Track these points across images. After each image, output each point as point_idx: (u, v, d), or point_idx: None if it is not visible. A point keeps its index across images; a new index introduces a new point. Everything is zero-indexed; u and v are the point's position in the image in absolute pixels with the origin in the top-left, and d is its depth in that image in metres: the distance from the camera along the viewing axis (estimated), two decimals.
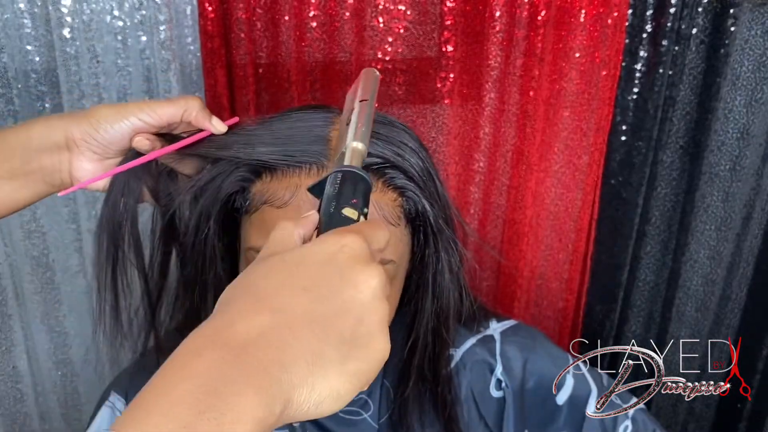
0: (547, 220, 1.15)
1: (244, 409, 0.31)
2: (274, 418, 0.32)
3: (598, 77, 1.06)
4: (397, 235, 0.56)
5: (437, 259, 0.59)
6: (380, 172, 0.54)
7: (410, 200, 0.56)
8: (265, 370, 0.32)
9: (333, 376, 0.34)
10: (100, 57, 0.91)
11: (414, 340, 0.63)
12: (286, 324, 0.34)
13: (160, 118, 0.56)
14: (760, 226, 1.23)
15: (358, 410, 0.68)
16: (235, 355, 0.32)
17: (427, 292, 0.60)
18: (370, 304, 0.37)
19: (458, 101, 1.05)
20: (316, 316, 0.35)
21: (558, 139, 1.10)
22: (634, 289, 1.26)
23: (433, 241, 0.58)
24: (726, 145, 1.15)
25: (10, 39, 0.89)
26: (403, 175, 0.55)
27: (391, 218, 0.54)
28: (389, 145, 0.55)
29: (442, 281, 0.60)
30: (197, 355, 0.32)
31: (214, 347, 0.33)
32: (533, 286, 1.20)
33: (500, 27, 1.00)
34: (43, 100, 0.93)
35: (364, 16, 0.98)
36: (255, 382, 0.32)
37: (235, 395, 0.31)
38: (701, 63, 1.10)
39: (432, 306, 0.61)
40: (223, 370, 0.31)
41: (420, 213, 0.56)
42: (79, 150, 0.57)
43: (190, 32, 0.93)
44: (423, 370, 0.64)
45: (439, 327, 0.63)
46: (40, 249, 1.05)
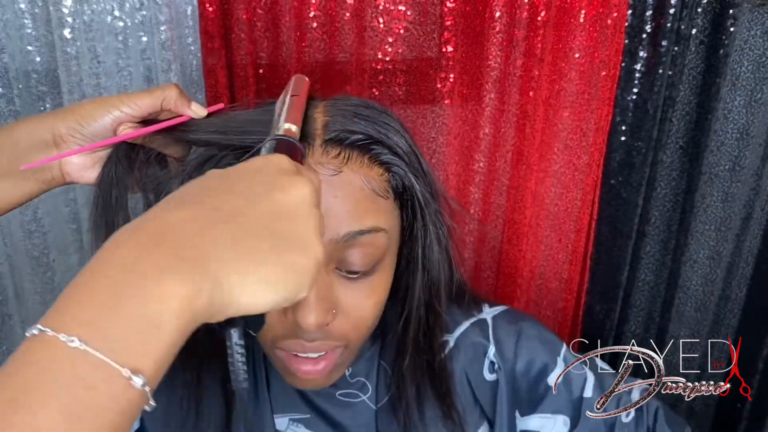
0: (546, 220, 1.16)
1: (167, 286, 0.31)
2: (205, 298, 0.32)
3: (598, 77, 1.06)
4: (387, 207, 0.57)
5: (425, 232, 0.60)
6: (366, 147, 0.55)
7: (396, 175, 0.57)
8: (187, 253, 0.33)
9: (264, 265, 0.35)
10: (100, 57, 0.91)
11: (407, 314, 0.64)
12: (210, 217, 0.35)
13: (141, 109, 0.58)
14: (759, 226, 1.23)
15: (356, 392, 0.69)
16: (155, 242, 0.33)
17: (418, 265, 0.61)
18: (300, 207, 0.38)
19: (458, 101, 1.06)
20: (245, 212, 0.36)
21: (558, 139, 1.10)
22: (634, 289, 1.27)
23: (421, 215, 0.59)
24: (725, 146, 1.15)
25: (11, 39, 0.89)
26: (388, 151, 0.56)
27: (380, 191, 0.56)
28: (373, 124, 0.57)
29: (431, 254, 0.61)
30: (117, 246, 0.33)
31: (132, 236, 0.33)
32: (533, 286, 1.20)
33: (500, 27, 1.00)
34: (44, 100, 0.93)
35: (365, 17, 0.98)
36: (176, 263, 0.32)
37: (156, 274, 0.31)
38: (701, 63, 1.10)
39: (423, 279, 0.62)
40: (143, 255, 0.32)
41: (407, 187, 0.58)
42: (67, 145, 0.58)
43: (191, 33, 0.93)
44: (419, 343, 0.65)
45: (431, 300, 0.64)
46: (41, 249, 1.05)
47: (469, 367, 0.70)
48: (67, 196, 1.03)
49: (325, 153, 0.54)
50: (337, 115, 0.57)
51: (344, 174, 0.54)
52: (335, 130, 0.55)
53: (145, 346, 0.30)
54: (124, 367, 0.29)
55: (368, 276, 0.57)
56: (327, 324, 0.55)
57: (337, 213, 0.53)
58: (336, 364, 0.60)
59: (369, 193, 0.55)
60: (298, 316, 0.53)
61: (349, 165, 0.54)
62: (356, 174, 0.54)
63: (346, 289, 0.56)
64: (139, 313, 0.31)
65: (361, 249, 0.55)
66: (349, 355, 0.62)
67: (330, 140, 0.54)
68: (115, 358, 0.29)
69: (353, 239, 0.54)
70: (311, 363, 0.58)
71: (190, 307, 0.32)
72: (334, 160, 0.54)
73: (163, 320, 0.31)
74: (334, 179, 0.53)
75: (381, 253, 0.57)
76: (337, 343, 0.58)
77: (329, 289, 0.55)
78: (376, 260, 0.56)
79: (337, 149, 0.54)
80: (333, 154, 0.54)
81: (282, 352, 0.58)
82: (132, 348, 0.30)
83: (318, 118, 0.57)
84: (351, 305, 0.56)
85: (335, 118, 0.56)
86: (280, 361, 0.60)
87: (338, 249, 0.54)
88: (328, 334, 0.56)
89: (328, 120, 0.56)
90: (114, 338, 0.30)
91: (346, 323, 0.57)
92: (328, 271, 0.55)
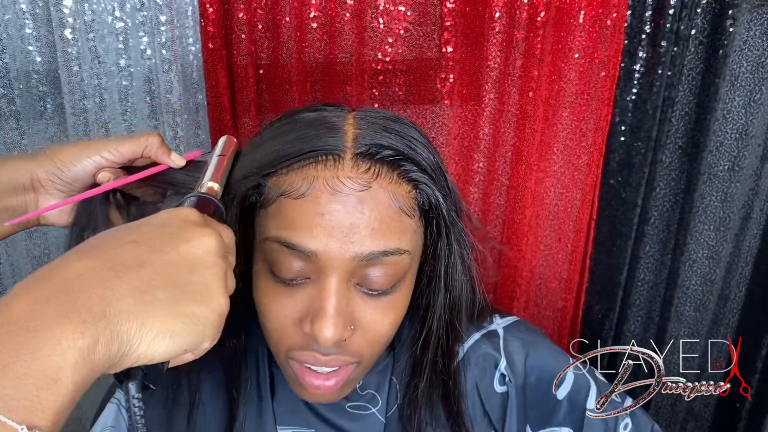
0: (546, 220, 1.16)
1: (64, 339, 0.32)
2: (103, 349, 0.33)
3: (597, 78, 1.06)
4: (412, 227, 0.56)
5: (450, 251, 0.59)
6: (396, 164, 0.54)
7: (424, 192, 0.56)
8: (84, 304, 0.33)
9: (164, 315, 0.35)
10: (101, 57, 0.91)
11: (427, 334, 0.63)
12: (109, 267, 0.36)
13: (122, 155, 0.59)
14: (758, 226, 1.23)
15: (366, 405, 0.68)
16: (54, 292, 0.33)
17: (440, 284, 0.61)
18: (204, 258, 0.39)
19: (458, 102, 1.06)
20: (144, 262, 0.37)
21: (557, 139, 1.10)
22: (633, 289, 1.27)
23: (446, 233, 0.58)
24: (725, 146, 1.15)
25: (12, 39, 0.89)
26: (416, 168, 0.55)
27: (407, 209, 0.55)
28: (402, 138, 0.56)
29: (454, 273, 0.60)
30: (15, 299, 0.33)
31: (32, 289, 0.34)
32: (532, 285, 1.20)
33: (500, 28, 1.00)
34: (45, 100, 0.93)
35: (365, 17, 0.98)
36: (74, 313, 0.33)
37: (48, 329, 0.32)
38: (700, 64, 1.11)
39: (445, 299, 0.61)
40: (37, 309, 0.33)
41: (433, 205, 0.57)
42: (45, 189, 0.59)
43: (191, 33, 0.93)
44: (436, 363, 0.65)
45: (452, 319, 0.63)
46: (41, 249, 1.05)
47: (480, 378, 0.70)
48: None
49: (355, 167, 0.53)
50: (366, 128, 0.56)
51: (373, 190, 0.53)
52: (366, 144, 0.54)
53: (42, 402, 0.31)
54: (21, 425, 0.30)
55: (388, 294, 0.56)
56: (345, 339, 0.54)
57: (362, 231, 0.52)
58: (347, 380, 0.59)
59: (395, 212, 0.54)
60: (316, 329, 0.53)
61: (378, 181, 0.53)
62: (384, 190, 0.53)
63: (365, 306, 0.55)
64: (35, 370, 0.31)
65: (383, 268, 0.54)
66: (361, 372, 0.61)
67: (360, 154, 0.53)
68: (11, 416, 0.30)
69: (376, 258, 0.53)
70: (322, 378, 0.58)
71: (88, 359, 0.32)
72: (364, 175, 0.53)
73: (61, 375, 0.32)
74: (363, 195, 0.52)
75: (403, 272, 0.56)
76: (350, 359, 0.57)
77: (349, 305, 0.54)
78: (398, 279, 0.56)
79: (368, 164, 0.53)
80: (363, 168, 0.53)
81: (295, 363, 0.58)
82: (29, 405, 0.31)
83: (349, 130, 0.56)
84: (369, 321, 0.56)
85: (365, 132, 0.55)
86: (292, 371, 0.59)
87: (361, 266, 0.53)
88: (344, 349, 0.56)
89: (358, 133, 0.55)
90: (10, 397, 0.30)
91: (362, 339, 0.56)
92: (349, 287, 0.54)
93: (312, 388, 0.58)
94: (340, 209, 0.52)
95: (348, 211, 0.52)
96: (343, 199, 0.52)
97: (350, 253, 0.52)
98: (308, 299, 0.54)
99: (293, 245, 0.52)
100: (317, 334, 0.52)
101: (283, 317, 0.55)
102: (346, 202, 0.52)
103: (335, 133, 0.55)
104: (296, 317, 0.55)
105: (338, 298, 0.53)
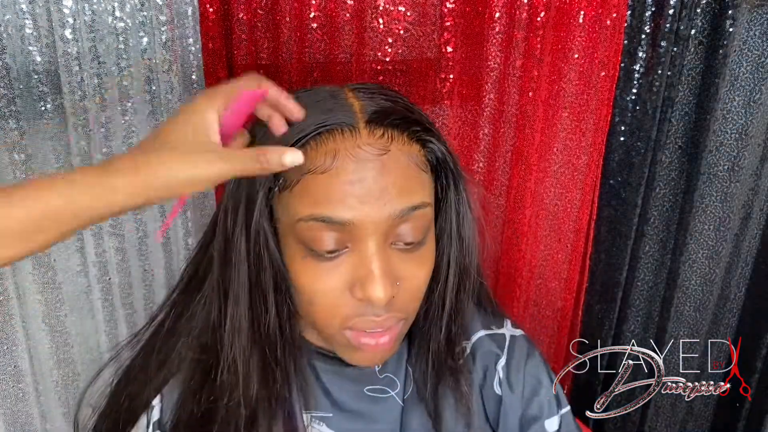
0: (546, 220, 1.16)
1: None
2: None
3: (597, 78, 1.06)
4: (428, 181, 0.60)
5: (459, 199, 0.63)
6: (404, 126, 0.58)
7: (432, 150, 0.60)
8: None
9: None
10: (101, 58, 0.91)
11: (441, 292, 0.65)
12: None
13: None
14: (758, 226, 1.24)
15: (384, 388, 0.69)
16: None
17: (453, 234, 0.63)
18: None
19: (458, 102, 1.06)
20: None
21: (557, 139, 1.10)
22: (633, 289, 1.27)
23: (454, 184, 0.62)
24: (724, 146, 1.15)
25: (12, 39, 0.89)
26: (420, 128, 0.59)
27: (422, 165, 0.59)
28: (399, 103, 0.60)
29: (466, 222, 0.64)
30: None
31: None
32: (532, 285, 1.20)
33: (500, 28, 1.00)
34: (45, 100, 0.93)
35: (365, 18, 0.98)
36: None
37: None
38: (700, 64, 1.11)
39: (459, 248, 0.64)
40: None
41: (440, 160, 0.61)
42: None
43: (192, 33, 0.93)
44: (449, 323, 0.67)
45: (462, 278, 0.65)
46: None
47: (483, 380, 0.71)
48: None
49: (371, 134, 0.56)
50: (368, 99, 0.59)
51: (392, 153, 0.56)
52: (374, 111, 0.57)
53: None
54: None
55: (419, 247, 0.59)
56: (393, 296, 0.57)
57: (392, 190, 0.55)
58: (398, 336, 0.62)
59: (414, 169, 0.57)
60: (369, 292, 0.55)
61: (394, 143, 0.57)
62: (401, 151, 0.57)
63: (402, 262, 0.58)
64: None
65: (413, 222, 0.57)
66: (405, 328, 0.63)
67: (371, 121, 0.56)
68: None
69: (408, 214, 0.56)
70: (378, 336, 0.60)
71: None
72: (381, 140, 0.56)
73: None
74: (385, 158, 0.56)
75: (429, 224, 0.60)
76: (400, 314, 0.60)
77: (390, 263, 0.57)
78: (425, 231, 0.59)
79: (381, 130, 0.57)
80: (378, 134, 0.56)
81: (350, 331, 0.60)
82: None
83: (354, 103, 0.59)
84: (408, 276, 0.59)
85: (368, 102, 0.59)
86: (345, 340, 0.61)
87: (394, 225, 0.56)
88: (393, 306, 0.58)
89: (362, 104, 0.58)
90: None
91: (406, 294, 0.59)
92: (386, 247, 0.57)
93: (371, 349, 0.60)
94: (368, 176, 0.55)
95: (375, 176, 0.55)
96: (369, 165, 0.55)
97: (385, 214, 0.55)
98: (352, 268, 0.57)
99: (330, 218, 0.55)
100: (371, 296, 0.55)
101: (331, 291, 0.57)
102: (372, 168, 0.55)
103: (342, 106, 0.58)
104: (345, 287, 0.57)
105: (381, 259, 0.56)
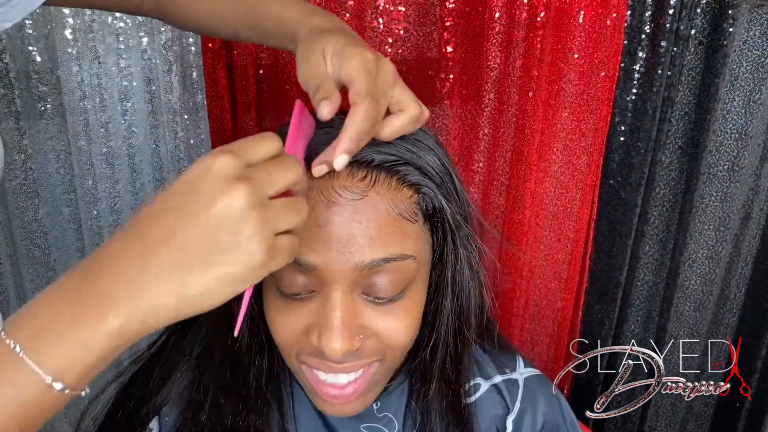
0: (546, 220, 1.16)
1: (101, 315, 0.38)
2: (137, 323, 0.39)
3: (597, 78, 1.06)
4: (416, 232, 0.54)
5: (456, 256, 0.58)
6: (394, 169, 0.53)
7: (426, 196, 0.55)
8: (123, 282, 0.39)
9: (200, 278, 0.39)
10: (101, 58, 0.91)
11: (435, 340, 0.61)
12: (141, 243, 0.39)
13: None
14: (758, 226, 1.24)
15: (381, 428, 0.67)
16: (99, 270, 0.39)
17: (447, 290, 0.59)
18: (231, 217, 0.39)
19: (458, 102, 1.06)
20: (175, 234, 0.39)
21: (557, 139, 1.10)
22: (633, 289, 1.27)
23: (451, 238, 0.57)
24: (724, 146, 1.15)
25: (12, 40, 0.89)
26: (417, 171, 0.54)
27: (408, 215, 0.54)
28: (404, 142, 0.54)
29: (461, 279, 0.59)
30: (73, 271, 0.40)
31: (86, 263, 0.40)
32: (532, 285, 1.20)
33: (500, 28, 1.00)
34: (45, 100, 0.94)
35: (364, 18, 0.98)
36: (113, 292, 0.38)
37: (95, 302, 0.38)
38: (699, 64, 1.11)
39: (452, 304, 0.60)
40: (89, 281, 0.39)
41: (437, 209, 0.55)
42: None
43: (191, 33, 0.93)
44: (445, 370, 0.63)
45: (461, 326, 0.62)
46: (42, 249, 1.05)
47: (497, 417, 0.69)
48: (67, 197, 1.03)
49: (350, 175, 0.51)
50: None
51: (370, 198, 0.51)
52: (362, 152, 0.51)
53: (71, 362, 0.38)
54: (47, 375, 0.37)
55: (396, 301, 0.55)
56: (356, 349, 0.53)
57: (362, 240, 0.51)
58: (371, 382, 0.58)
59: (395, 218, 0.52)
60: (323, 342, 0.52)
61: (376, 188, 0.52)
62: (382, 197, 0.52)
63: (375, 314, 0.54)
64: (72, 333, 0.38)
65: (388, 275, 0.53)
66: (386, 372, 0.59)
67: (356, 160, 0.51)
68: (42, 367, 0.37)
69: (378, 266, 0.52)
70: (341, 387, 0.56)
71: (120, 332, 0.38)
72: (360, 183, 0.51)
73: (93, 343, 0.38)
74: (359, 204, 0.51)
75: (410, 277, 0.55)
76: (372, 358, 0.56)
77: (354, 315, 0.53)
78: (405, 285, 0.55)
79: (364, 171, 0.52)
80: (359, 176, 0.51)
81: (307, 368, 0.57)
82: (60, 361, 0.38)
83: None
84: (382, 328, 0.55)
85: None
86: (306, 380, 0.57)
87: (364, 276, 0.52)
88: (360, 354, 0.55)
89: None
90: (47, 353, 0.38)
91: (379, 344, 0.55)
92: (354, 297, 0.53)
93: (333, 399, 0.57)
94: (336, 220, 0.50)
95: (344, 221, 0.50)
96: (339, 209, 0.50)
97: (350, 264, 0.51)
98: (315, 312, 0.53)
99: (297, 260, 0.50)
100: (324, 347, 0.51)
101: (290, 329, 0.54)
102: (342, 213, 0.50)
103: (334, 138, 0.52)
104: (304, 329, 0.54)
105: (343, 310, 0.52)
